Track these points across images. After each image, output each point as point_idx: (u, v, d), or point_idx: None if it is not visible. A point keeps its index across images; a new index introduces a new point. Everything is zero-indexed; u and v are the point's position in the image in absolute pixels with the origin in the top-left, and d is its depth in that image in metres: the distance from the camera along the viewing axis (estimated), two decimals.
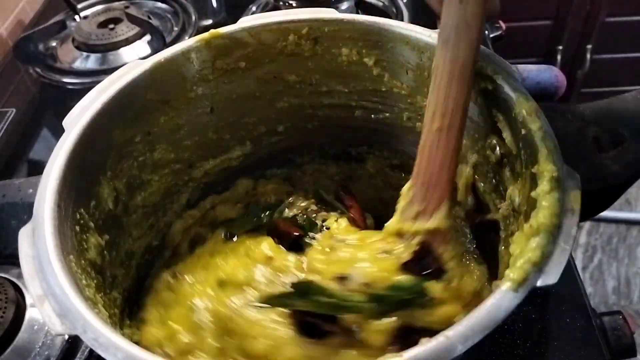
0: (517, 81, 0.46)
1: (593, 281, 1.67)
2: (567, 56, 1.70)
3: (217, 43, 0.54)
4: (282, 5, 1.02)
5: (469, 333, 0.33)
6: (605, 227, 1.79)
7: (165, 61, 0.53)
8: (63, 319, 0.36)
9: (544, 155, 0.41)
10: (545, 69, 0.53)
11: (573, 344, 0.54)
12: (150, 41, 1.01)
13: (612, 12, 1.59)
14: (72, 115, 0.48)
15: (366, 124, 0.62)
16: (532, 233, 0.38)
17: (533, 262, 0.36)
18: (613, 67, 1.75)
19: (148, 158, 0.56)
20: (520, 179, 0.45)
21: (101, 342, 0.35)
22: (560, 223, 0.38)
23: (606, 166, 0.44)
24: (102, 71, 0.97)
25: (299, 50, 0.57)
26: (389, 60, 0.55)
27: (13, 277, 0.62)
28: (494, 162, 0.49)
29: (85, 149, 0.47)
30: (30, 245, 0.40)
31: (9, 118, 0.90)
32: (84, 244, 0.46)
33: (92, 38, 1.01)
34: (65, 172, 0.44)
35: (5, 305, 0.57)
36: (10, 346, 0.56)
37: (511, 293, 0.35)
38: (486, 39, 0.99)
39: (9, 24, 1.10)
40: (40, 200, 0.42)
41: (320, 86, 0.60)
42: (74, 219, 0.45)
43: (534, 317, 0.56)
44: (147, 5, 1.14)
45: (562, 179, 0.40)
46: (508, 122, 0.46)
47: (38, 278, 0.38)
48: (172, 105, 0.55)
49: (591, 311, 0.57)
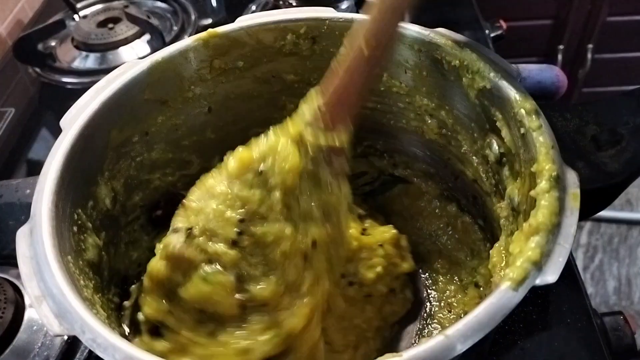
0: (516, 80, 0.46)
1: (594, 281, 1.66)
2: (568, 55, 1.70)
3: (214, 42, 0.54)
4: (282, 4, 1.01)
5: (469, 332, 0.33)
6: (606, 228, 1.78)
7: (163, 61, 0.53)
8: (61, 320, 0.36)
9: (543, 154, 0.41)
10: (546, 68, 0.53)
11: (574, 344, 0.54)
12: (150, 41, 1.01)
13: (613, 12, 1.59)
14: (70, 115, 0.48)
15: (365, 123, 0.62)
16: (531, 232, 0.38)
17: (532, 261, 0.36)
18: (614, 67, 1.74)
19: (146, 158, 0.56)
20: (520, 178, 0.45)
21: (99, 343, 0.35)
22: (559, 222, 0.38)
23: (605, 165, 0.44)
24: (102, 71, 0.97)
25: (297, 50, 0.56)
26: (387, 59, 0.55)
27: (12, 277, 0.61)
28: (493, 161, 0.49)
29: (82, 149, 0.47)
30: (28, 245, 0.40)
31: (8, 118, 0.90)
32: (81, 244, 0.46)
33: (91, 37, 1.01)
34: (62, 173, 0.44)
35: (4, 305, 0.57)
36: (9, 347, 0.56)
37: (511, 292, 0.35)
38: (487, 39, 0.99)
39: (8, 24, 1.10)
40: (38, 201, 0.42)
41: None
42: (72, 219, 0.45)
43: (534, 317, 0.55)
44: (147, 4, 1.14)
45: (561, 178, 0.40)
46: (507, 121, 0.46)
47: (36, 278, 0.38)
48: (169, 105, 0.55)
49: (592, 311, 0.57)
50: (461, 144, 0.54)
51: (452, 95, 0.52)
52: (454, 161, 0.57)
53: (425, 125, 0.57)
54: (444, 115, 0.54)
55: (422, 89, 0.54)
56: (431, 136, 0.57)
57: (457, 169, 0.57)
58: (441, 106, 0.54)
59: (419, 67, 0.53)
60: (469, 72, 0.48)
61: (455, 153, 0.56)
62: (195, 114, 0.58)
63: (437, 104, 0.54)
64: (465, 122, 0.52)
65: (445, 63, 0.51)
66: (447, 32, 0.52)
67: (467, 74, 0.49)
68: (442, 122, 0.55)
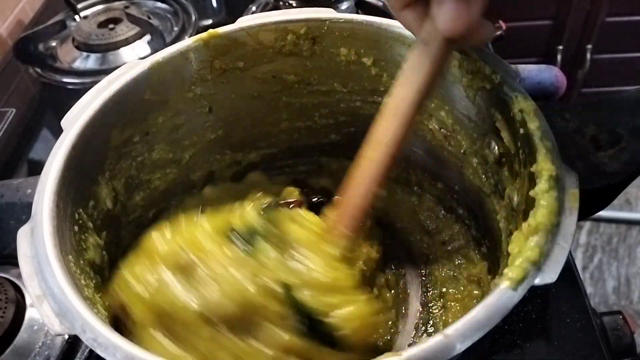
0: (516, 81, 0.46)
1: (593, 281, 1.66)
2: (567, 56, 1.70)
3: (215, 43, 0.55)
4: (282, 5, 1.02)
5: (468, 332, 0.33)
6: (606, 227, 1.79)
7: (164, 61, 0.53)
8: (62, 319, 0.36)
9: (542, 154, 0.41)
10: (545, 68, 0.53)
11: (573, 344, 0.54)
12: (150, 41, 1.01)
13: (612, 12, 1.59)
14: (71, 115, 0.48)
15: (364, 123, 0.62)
16: (530, 232, 0.38)
17: (532, 260, 0.36)
18: (613, 67, 1.74)
19: (147, 158, 0.56)
20: (519, 178, 0.45)
21: (100, 342, 0.35)
22: (558, 222, 0.38)
23: (604, 165, 0.44)
24: (102, 71, 0.97)
25: (298, 50, 0.57)
26: (387, 59, 0.55)
27: (13, 277, 0.61)
28: (493, 161, 0.50)
29: (83, 149, 0.47)
30: (29, 245, 0.40)
31: (9, 118, 0.90)
32: (82, 244, 0.46)
33: (92, 38, 1.01)
34: (63, 172, 0.44)
35: (5, 305, 0.57)
36: (10, 346, 0.56)
37: (510, 291, 0.35)
38: None
39: (8, 24, 1.10)
40: (39, 201, 0.42)
41: (319, 86, 0.60)
42: (73, 219, 0.45)
43: (534, 317, 0.56)
44: (147, 5, 1.14)
45: (560, 178, 0.40)
46: (506, 121, 0.46)
47: (37, 278, 0.38)
48: (170, 105, 0.56)
49: (591, 311, 0.57)
50: (460, 144, 0.54)
51: (451, 96, 0.52)
52: (452, 161, 0.57)
53: (424, 125, 0.57)
54: (443, 116, 0.55)
55: None
56: (430, 136, 0.58)
57: (456, 168, 0.57)
58: (440, 106, 0.54)
59: None
60: (468, 72, 0.49)
61: (455, 153, 0.56)
62: (195, 114, 0.58)
63: (436, 104, 0.55)
64: (464, 123, 0.52)
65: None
66: None
67: (467, 75, 0.49)
68: (441, 122, 0.55)
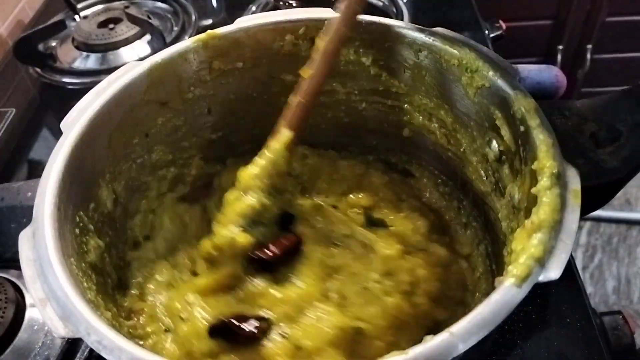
0: (515, 79, 0.46)
1: (593, 281, 1.66)
2: (568, 56, 1.70)
3: (214, 44, 0.54)
4: (282, 5, 1.01)
5: (474, 329, 0.33)
6: (606, 227, 1.78)
7: (163, 62, 0.53)
8: (66, 322, 0.36)
9: (543, 152, 0.41)
10: (545, 68, 0.53)
11: (573, 343, 0.54)
12: (150, 41, 1.01)
13: (613, 12, 1.59)
14: (70, 117, 0.48)
15: (365, 123, 0.62)
16: (533, 229, 0.38)
17: (536, 257, 0.36)
18: (613, 67, 1.74)
19: (146, 160, 0.56)
20: (520, 175, 0.45)
21: (105, 345, 0.35)
22: (561, 219, 0.38)
23: (604, 162, 0.44)
24: (102, 71, 0.97)
25: (296, 50, 0.57)
26: (387, 59, 0.55)
27: (13, 277, 0.62)
28: (493, 159, 0.49)
29: (83, 151, 0.47)
30: (31, 248, 0.40)
31: (9, 118, 0.90)
32: (84, 246, 0.46)
33: (92, 38, 1.01)
34: (64, 175, 0.44)
35: (5, 305, 0.57)
36: (10, 346, 0.56)
37: (515, 288, 0.35)
38: (486, 39, 0.99)
39: (8, 24, 1.10)
40: (40, 203, 0.42)
41: None
42: (74, 222, 0.45)
43: (534, 317, 0.56)
44: (147, 5, 1.14)
45: (562, 175, 0.40)
46: (507, 119, 0.46)
47: (39, 281, 0.38)
48: (169, 106, 0.55)
49: (591, 311, 0.57)
50: (460, 142, 0.54)
51: (452, 95, 0.52)
52: (453, 160, 0.57)
53: (424, 125, 0.57)
54: (443, 115, 0.54)
55: (422, 88, 0.55)
56: (430, 136, 0.58)
57: (457, 168, 0.57)
58: (440, 105, 0.54)
59: (418, 66, 0.53)
60: (468, 71, 0.49)
61: (455, 152, 0.56)
62: (195, 115, 0.58)
63: (437, 103, 0.55)
64: (464, 121, 0.52)
65: (444, 62, 0.51)
66: (446, 32, 0.52)
67: (466, 73, 0.49)
68: (441, 121, 0.55)
